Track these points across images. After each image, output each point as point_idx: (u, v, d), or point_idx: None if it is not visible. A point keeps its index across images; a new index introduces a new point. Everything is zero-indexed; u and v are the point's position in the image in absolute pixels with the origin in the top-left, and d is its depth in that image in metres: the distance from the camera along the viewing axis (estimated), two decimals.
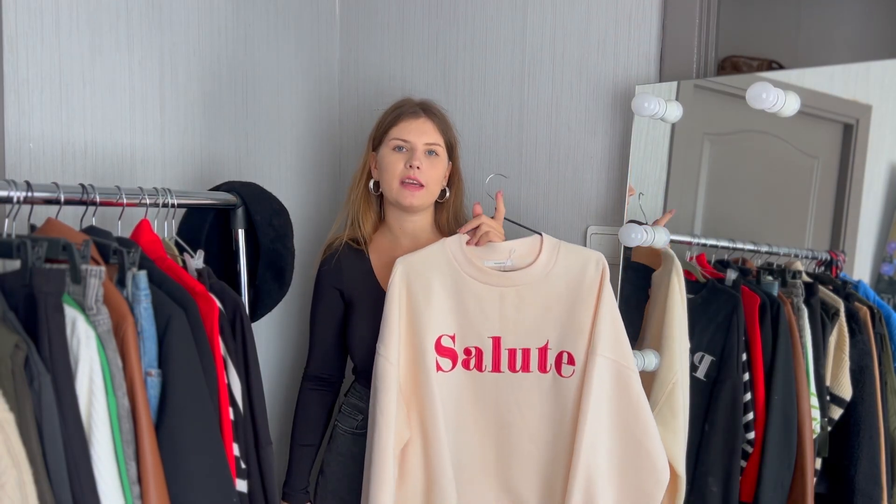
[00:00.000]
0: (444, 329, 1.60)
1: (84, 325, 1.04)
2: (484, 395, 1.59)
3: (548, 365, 1.56)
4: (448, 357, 1.60)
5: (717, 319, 1.63)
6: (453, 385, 1.60)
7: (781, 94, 1.48)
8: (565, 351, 1.55)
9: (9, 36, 1.46)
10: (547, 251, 1.58)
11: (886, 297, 1.49)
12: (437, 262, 1.61)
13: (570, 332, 1.55)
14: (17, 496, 0.90)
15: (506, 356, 1.58)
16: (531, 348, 1.57)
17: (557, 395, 1.55)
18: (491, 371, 1.59)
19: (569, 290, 1.55)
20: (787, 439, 1.54)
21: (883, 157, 1.49)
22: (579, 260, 1.57)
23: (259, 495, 1.36)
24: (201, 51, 1.87)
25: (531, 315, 1.57)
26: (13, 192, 1.17)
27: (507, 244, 1.60)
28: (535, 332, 1.57)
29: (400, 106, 1.72)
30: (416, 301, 1.60)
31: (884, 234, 1.48)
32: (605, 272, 1.55)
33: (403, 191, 1.65)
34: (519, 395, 1.57)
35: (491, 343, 1.58)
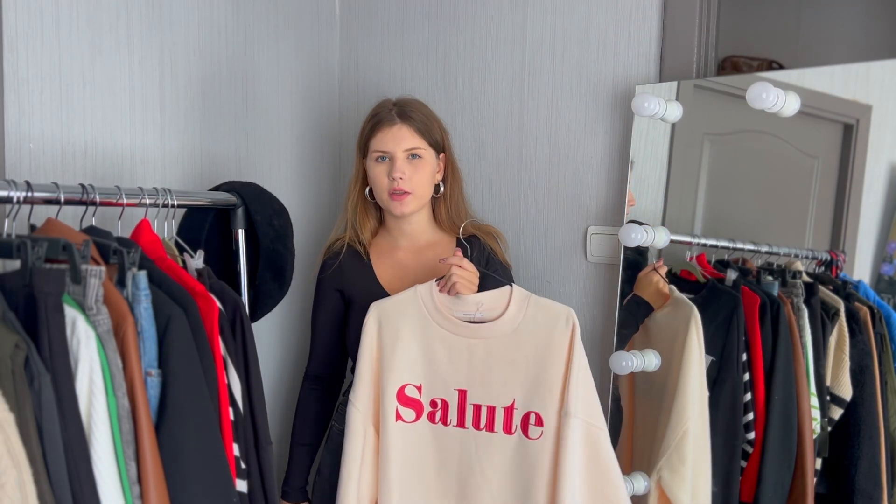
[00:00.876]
0: (409, 378, 1.57)
1: (84, 325, 1.04)
2: (448, 450, 1.56)
3: (513, 426, 1.52)
4: (412, 408, 1.57)
5: (717, 319, 1.63)
6: (417, 437, 1.57)
7: (781, 94, 1.48)
8: (533, 411, 1.50)
9: (9, 36, 1.46)
10: (515, 304, 1.53)
11: (886, 297, 1.49)
12: (407, 309, 1.58)
13: (538, 392, 1.50)
14: (17, 496, 0.89)
15: (471, 411, 1.54)
16: (496, 406, 1.53)
17: (524, 458, 1.51)
18: (456, 426, 1.55)
19: (537, 348, 1.50)
20: (788, 439, 1.54)
21: (883, 157, 1.48)
22: (549, 316, 1.51)
23: (259, 495, 1.36)
24: (201, 51, 1.87)
25: (498, 370, 1.53)
26: (13, 192, 1.17)
27: (476, 296, 1.55)
28: (502, 389, 1.52)
29: (376, 112, 1.69)
30: (384, 346, 1.58)
31: (884, 234, 1.48)
32: (574, 329, 1.50)
33: (392, 202, 1.65)
34: (482, 454, 1.53)
35: (457, 396, 1.55)
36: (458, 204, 1.76)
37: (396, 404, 1.57)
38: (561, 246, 1.94)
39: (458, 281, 1.54)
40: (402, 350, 1.57)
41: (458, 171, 1.77)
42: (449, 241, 1.74)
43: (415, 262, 1.72)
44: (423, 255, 1.72)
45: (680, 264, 1.72)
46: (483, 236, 1.75)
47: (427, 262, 1.71)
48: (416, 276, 1.69)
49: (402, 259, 1.72)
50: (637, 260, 1.77)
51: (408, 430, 1.57)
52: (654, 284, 1.72)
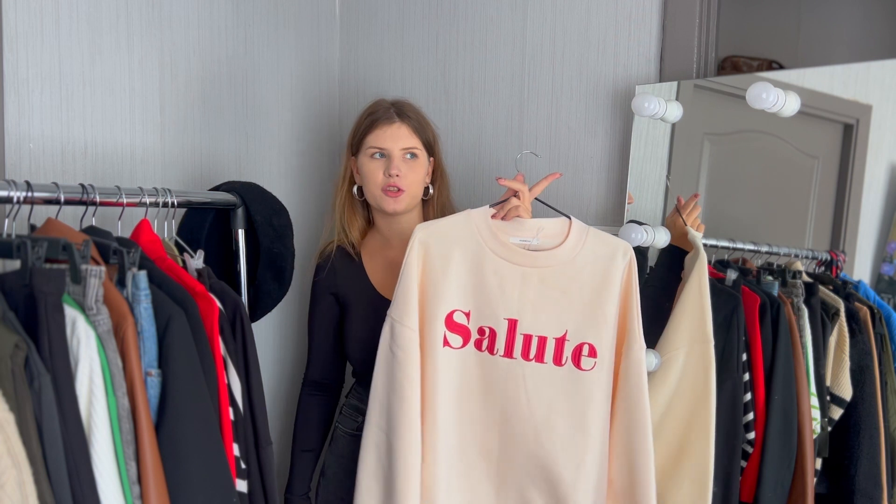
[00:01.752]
0: (458, 304, 1.53)
1: (84, 325, 1.04)
2: (493, 380, 1.52)
3: (564, 357, 1.48)
4: (459, 334, 1.53)
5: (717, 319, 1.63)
6: (462, 364, 1.53)
7: (781, 94, 1.48)
8: (587, 342, 1.47)
9: (9, 36, 1.47)
10: (575, 235, 1.51)
11: (886, 297, 1.49)
12: (459, 233, 1.54)
13: (591, 323, 1.47)
14: (17, 496, 0.90)
15: (520, 341, 1.50)
16: (548, 337, 1.49)
17: (575, 390, 1.48)
18: (503, 356, 1.51)
19: (593, 279, 1.48)
20: (788, 439, 1.54)
21: (883, 157, 1.49)
22: (607, 249, 1.50)
23: (259, 495, 1.36)
24: (201, 51, 1.87)
25: (552, 300, 1.49)
26: (13, 192, 1.17)
27: (536, 221, 1.53)
28: (555, 319, 1.49)
29: (373, 111, 1.69)
30: (432, 270, 1.53)
31: (884, 234, 1.48)
32: (632, 263, 1.48)
33: (386, 198, 1.64)
34: (530, 385, 1.50)
35: (506, 325, 1.51)
36: (445, 205, 1.76)
37: (444, 330, 1.52)
38: None
39: (518, 205, 1.52)
40: (453, 274, 1.52)
41: (446, 175, 1.77)
42: None
43: None
44: None
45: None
46: None
47: None
48: None
49: (393, 258, 1.71)
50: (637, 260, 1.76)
51: (454, 356, 1.53)
52: (676, 227, 1.68)
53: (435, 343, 1.52)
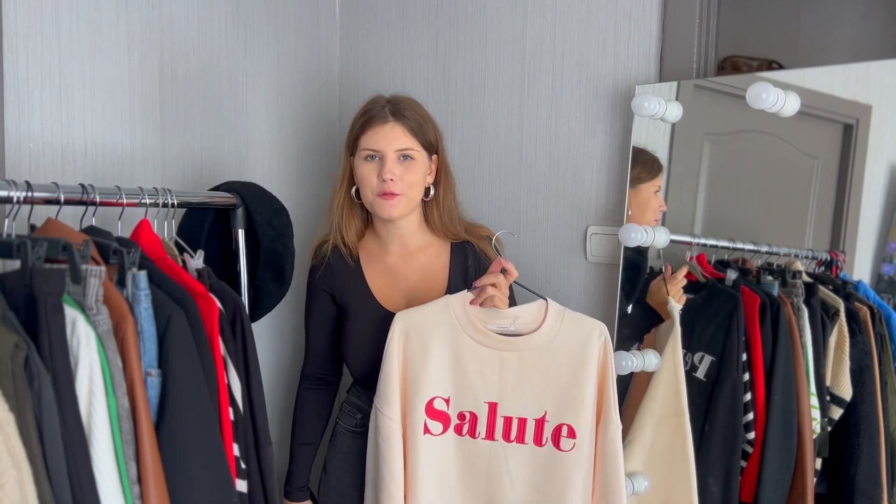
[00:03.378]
0: (437, 391, 1.55)
1: (84, 325, 1.04)
2: (475, 463, 1.55)
3: (544, 438, 1.51)
4: (439, 420, 1.55)
5: (717, 319, 1.63)
6: (443, 450, 1.55)
7: (781, 94, 1.48)
8: (565, 423, 1.50)
9: (9, 36, 1.47)
10: (552, 317, 1.53)
11: (886, 297, 1.49)
12: (437, 320, 1.56)
13: (570, 405, 1.50)
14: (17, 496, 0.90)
15: (501, 424, 1.53)
16: (528, 418, 1.52)
17: (555, 470, 1.51)
18: (484, 438, 1.54)
19: (571, 361, 1.51)
20: (787, 439, 1.54)
21: (883, 157, 1.48)
22: (582, 330, 1.52)
23: (259, 495, 1.36)
24: (201, 50, 1.87)
25: (531, 383, 1.52)
26: (13, 192, 1.17)
27: (512, 310, 1.55)
28: (534, 400, 1.52)
29: (368, 109, 1.62)
30: (412, 358, 1.55)
31: (884, 234, 1.48)
32: (607, 344, 1.51)
33: (379, 202, 1.58)
34: (512, 466, 1.53)
35: (487, 409, 1.53)
36: (451, 208, 1.69)
37: (425, 417, 1.54)
38: (561, 246, 1.94)
39: (494, 294, 1.52)
40: (432, 362, 1.54)
41: (451, 175, 1.71)
42: (441, 244, 1.69)
43: (406, 267, 1.67)
44: (415, 260, 1.67)
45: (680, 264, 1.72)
46: (477, 241, 1.70)
47: (419, 266, 1.67)
48: (408, 282, 1.66)
49: (392, 264, 1.68)
50: (637, 260, 1.77)
51: (435, 442, 1.55)
52: (661, 294, 1.72)
53: (416, 431, 1.54)
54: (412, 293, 1.67)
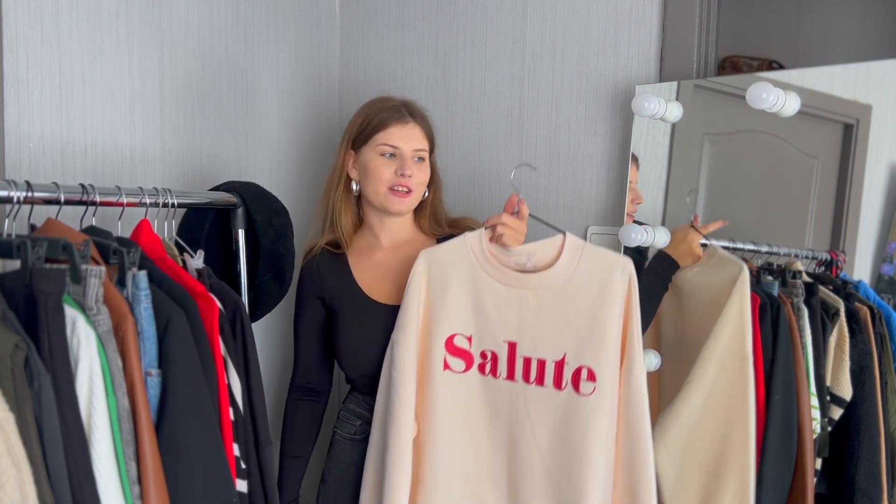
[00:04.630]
0: (459, 328, 1.53)
1: (84, 325, 1.04)
2: (497, 403, 1.51)
3: (564, 381, 1.45)
4: (462, 358, 1.54)
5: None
6: (466, 389, 1.53)
7: (781, 94, 1.48)
8: (585, 366, 1.43)
9: (9, 36, 1.47)
10: (568, 254, 1.46)
11: (886, 297, 1.49)
12: (457, 257, 1.54)
13: (590, 346, 1.43)
14: (17, 496, 0.90)
15: (521, 364, 1.49)
16: (547, 360, 1.46)
17: (574, 415, 1.44)
18: (505, 378, 1.50)
19: (591, 300, 1.43)
20: (787, 439, 1.54)
21: (883, 157, 1.48)
22: (604, 266, 1.44)
23: (259, 495, 1.36)
24: (201, 51, 1.87)
25: (549, 323, 1.46)
26: (13, 192, 1.17)
27: (527, 246, 1.51)
28: (553, 342, 1.46)
29: (383, 107, 1.64)
30: (433, 295, 1.54)
31: (884, 234, 1.48)
32: (632, 281, 1.43)
33: (392, 197, 1.61)
34: (531, 409, 1.48)
35: (506, 348, 1.50)
36: (439, 208, 1.74)
37: (444, 353, 1.53)
38: None
39: (504, 232, 1.49)
40: (452, 299, 1.53)
41: (440, 181, 1.75)
42: (427, 239, 1.71)
43: (393, 260, 1.68)
44: (401, 252, 1.69)
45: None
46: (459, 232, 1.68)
47: (404, 258, 1.68)
48: (396, 275, 1.67)
49: (380, 260, 1.69)
50: (637, 260, 1.76)
51: (457, 380, 1.54)
52: (686, 242, 1.67)
53: (434, 367, 1.53)
54: (400, 285, 1.66)
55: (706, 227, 1.67)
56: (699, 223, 1.68)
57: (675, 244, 1.70)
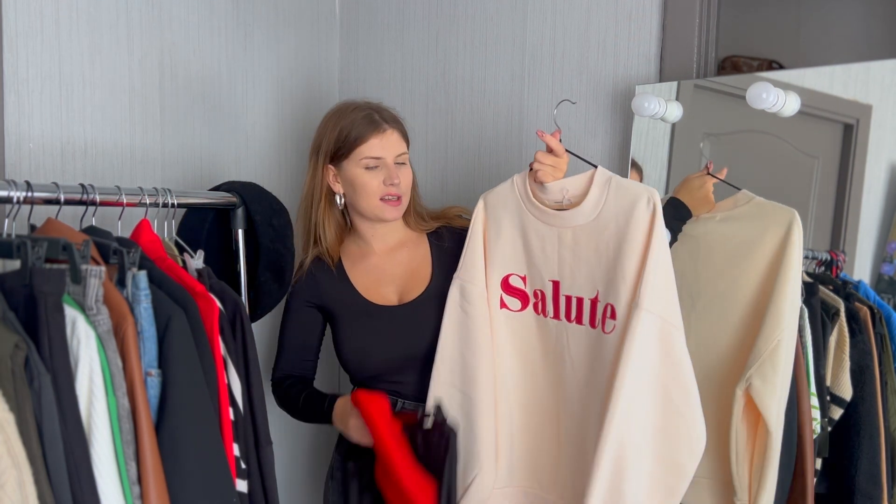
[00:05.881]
0: (514, 268, 1.55)
1: (84, 325, 1.04)
2: (548, 341, 1.53)
3: (596, 319, 1.44)
4: (518, 297, 1.55)
5: None
6: (523, 327, 1.56)
7: (781, 94, 1.48)
8: (609, 303, 1.41)
9: (9, 36, 1.47)
10: (596, 188, 1.44)
11: (886, 297, 1.49)
12: (507, 199, 1.55)
13: (613, 282, 1.40)
14: (17, 496, 0.90)
15: (563, 303, 1.49)
16: (584, 298, 1.46)
17: (600, 353, 1.43)
18: (552, 317, 1.51)
19: (618, 233, 1.40)
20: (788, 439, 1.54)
21: (883, 157, 1.49)
22: (629, 197, 1.40)
23: (259, 495, 1.36)
24: (201, 50, 1.87)
25: (585, 260, 1.45)
26: (13, 192, 1.17)
27: (560, 182, 1.48)
28: (588, 280, 1.45)
29: (356, 119, 1.60)
30: (489, 236, 1.57)
31: (884, 234, 1.48)
32: (656, 212, 1.37)
33: (386, 207, 1.60)
34: (572, 346, 1.49)
35: (552, 287, 1.50)
36: (419, 203, 1.73)
37: (501, 292, 1.56)
38: None
39: (540, 169, 1.48)
40: (505, 239, 1.55)
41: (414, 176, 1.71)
42: (417, 236, 1.71)
43: (390, 262, 1.69)
44: (398, 255, 1.69)
45: None
46: (449, 221, 1.72)
47: (402, 260, 1.68)
48: (395, 276, 1.67)
49: (375, 264, 1.69)
50: None
51: (514, 318, 1.56)
52: (703, 189, 1.65)
53: (493, 305, 1.56)
54: (401, 286, 1.68)
55: (721, 173, 1.63)
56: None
57: (691, 191, 1.66)
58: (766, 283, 1.51)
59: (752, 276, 1.54)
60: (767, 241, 1.52)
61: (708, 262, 1.62)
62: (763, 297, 1.51)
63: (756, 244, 1.54)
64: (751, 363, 1.49)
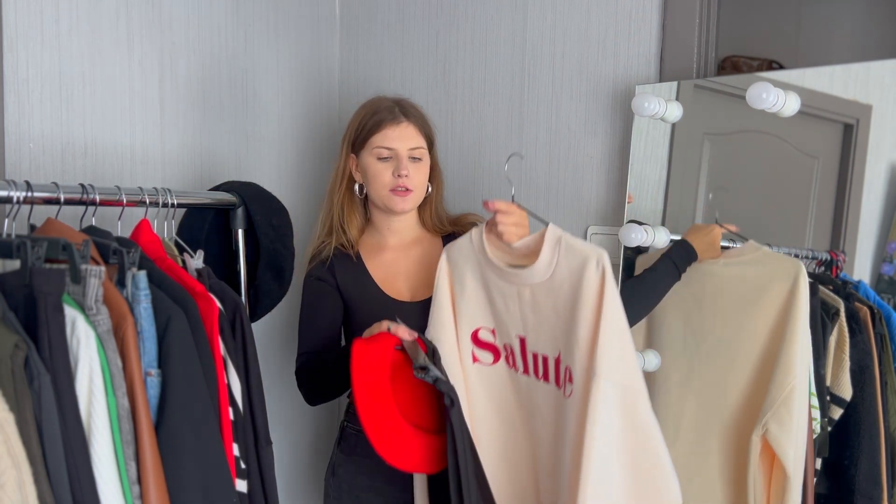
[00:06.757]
0: (482, 321, 1.54)
1: (84, 325, 1.04)
2: (521, 395, 1.52)
3: (561, 380, 1.42)
4: (489, 350, 1.54)
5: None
6: (497, 380, 1.54)
7: (781, 94, 1.48)
8: (568, 366, 1.39)
9: (9, 36, 1.47)
10: (548, 248, 1.40)
11: (886, 297, 1.49)
12: (468, 254, 1.54)
13: (570, 345, 1.38)
14: (17, 496, 0.90)
15: (531, 359, 1.48)
16: (549, 357, 1.44)
17: (562, 414, 1.42)
18: (522, 372, 1.51)
19: (572, 295, 1.36)
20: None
21: (883, 157, 1.48)
22: (578, 259, 1.36)
23: (259, 495, 1.36)
24: (201, 50, 1.87)
25: (545, 319, 1.43)
26: (13, 192, 1.17)
27: (523, 241, 1.47)
28: (551, 339, 1.43)
29: (377, 109, 1.66)
30: (456, 290, 1.56)
31: (884, 234, 1.48)
32: (605, 275, 1.33)
33: (394, 197, 1.63)
34: (541, 404, 1.47)
35: (519, 343, 1.49)
36: (440, 204, 1.75)
37: (472, 346, 1.55)
38: None
39: (505, 231, 1.47)
40: (470, 293, 1.54)
41: (441, 175, 1.77)
42: (432, 238, 1.73)
43: (405, 259, 1.71)
44: (411, 253, 1.71)
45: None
46: (462, 229, 1.72)
47: (416, 258, 1.70)
48: (409, 273, 1.69)
49: (392, 258, 1.71)
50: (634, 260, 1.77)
51: (488, 372, 1.55)
52: (710, 235, 1.65)
53: (465, 360, 1.55)
54: (415, 283, 1.69)
55: (730, 226, 1.64)
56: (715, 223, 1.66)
57: (699, 236, 1.67)
58: (777, 331, 1.53)
59: (760, 323, 1.56)
60: (775, 288, 1.54)
61: (714, 306, 1.64)
62: (773, 345, 1.54)
63: (764, 291, 1.56)
64: (766, 409, 1.51)
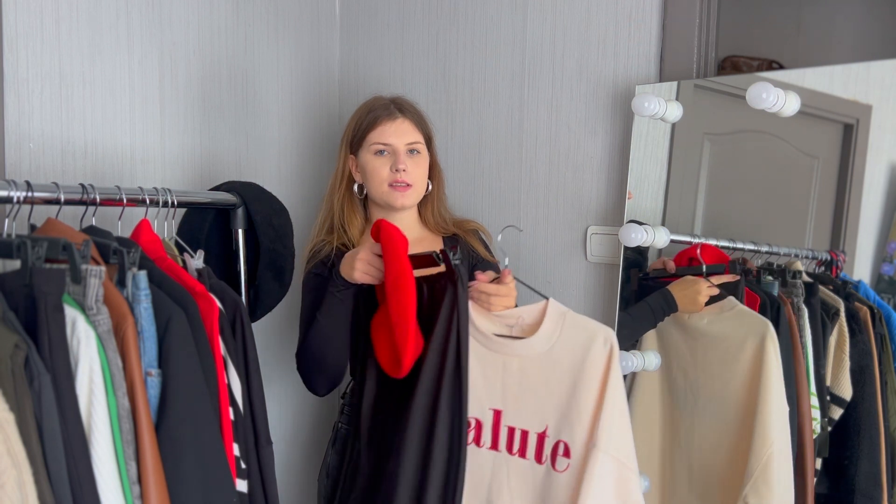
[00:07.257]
0: None
1: (84, 325, 1.04)
2: (479, 473, 1.46)
3: (544, 455, 1.39)
4: None
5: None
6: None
7: (781, 94, 1.48)
8: (562, 441, 1.37)
9: (9, 36, 1.47)
10: (550, 321, 1.40)
11: (886, 297, 1.49)
12: None
13: (568, 420, 1.37)
14: (17, 496, 0.90)
15: (505, 434, 1.44)
16: (530, 431, 1.41)
17: (549, 492, 1.38)
18: (489, 448, 1.45)
19: (571, 370, 1.37)
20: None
21: (883, 157, 1.48)
22: (584, 335, 1.37)
23: (259, 495, 1.36)
24: (201, 51, 1.87)
25: (533, 393, 1.41)
26: (13, 192, 1.17)
27: (516, 311, 1.45)
28: (536, 413, 1.40)
29: (373, 107, 1.68)
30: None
31: (884, 234, 1.48)
32: (613, 352, 1.34)
33: (393, 193, 1.63)
34: (512, 481, 1.42)
35: (491, 416, 1.45)
36: (442, 202, 1.76)
37: None
38: (561, 246, 1.94)
39: (495, 304, 1.45)
40: None
41: (441, 173, 1.77)
42: (433, 237, 1.73)
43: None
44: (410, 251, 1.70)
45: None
46: (464, 234, 1.73)
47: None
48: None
49: None
50: (637, 260, 1.77)
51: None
52: (693, 289, 1.67)
53: None
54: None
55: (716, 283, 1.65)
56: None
57: (683, 288, 1.70)
58: (752, 390, 1.56)
59: (738, 382, 1.60)
60: (747, 349, 1.58)
61: (705, 362, 1.66)
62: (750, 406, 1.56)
63: (740, 349, 1.59)
64: (746, 479, 1.52)
